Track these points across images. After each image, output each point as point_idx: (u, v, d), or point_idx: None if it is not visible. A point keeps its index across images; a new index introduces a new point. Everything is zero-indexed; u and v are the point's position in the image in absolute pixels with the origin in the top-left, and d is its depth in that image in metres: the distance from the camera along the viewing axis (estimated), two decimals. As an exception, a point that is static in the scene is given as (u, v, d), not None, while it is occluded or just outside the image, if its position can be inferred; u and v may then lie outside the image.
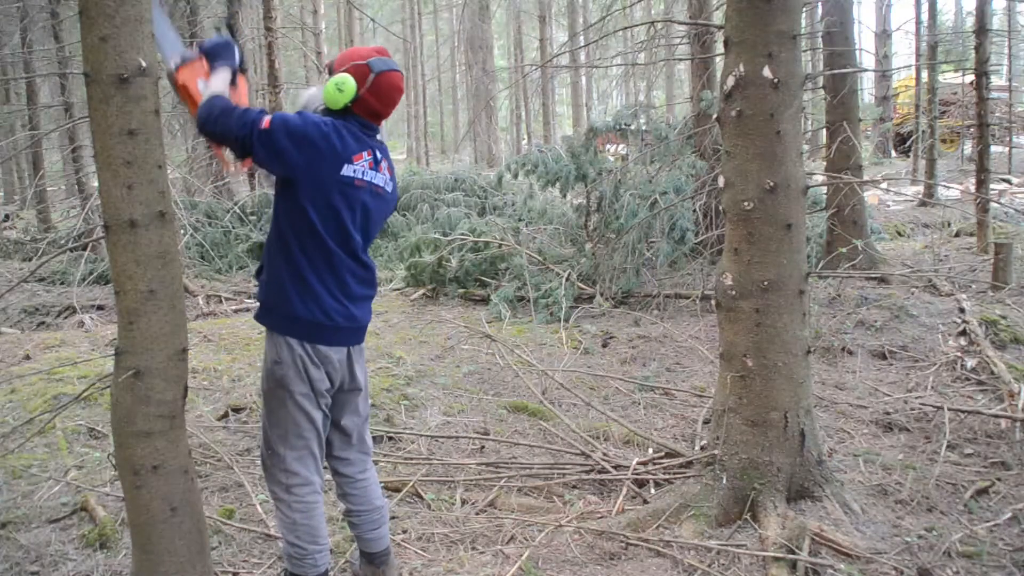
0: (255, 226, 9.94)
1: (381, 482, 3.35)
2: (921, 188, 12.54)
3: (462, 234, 7.72)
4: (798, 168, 3.05)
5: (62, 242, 9.77)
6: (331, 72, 2.40)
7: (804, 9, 4.30)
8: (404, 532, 3.07)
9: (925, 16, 13.22)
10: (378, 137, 2.44)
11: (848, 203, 6.97)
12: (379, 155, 2.40)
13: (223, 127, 2.19)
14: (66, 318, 7.30)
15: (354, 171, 2.31)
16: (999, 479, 3.36)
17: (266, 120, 2.19)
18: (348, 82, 2.30)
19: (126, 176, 2.15)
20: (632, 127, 7.77)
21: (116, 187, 2.15)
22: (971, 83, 10.89)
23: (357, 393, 2.50)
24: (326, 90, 2.33)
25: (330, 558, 2.50)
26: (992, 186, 9.27)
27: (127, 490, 2.31)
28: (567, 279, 6.77)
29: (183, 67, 2.40)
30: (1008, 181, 13.49)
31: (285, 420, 2.35)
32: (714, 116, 3.52)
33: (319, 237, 2.29)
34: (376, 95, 2.33)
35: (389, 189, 2.45)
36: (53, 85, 11.88)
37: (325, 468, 2.53)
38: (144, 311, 2.20)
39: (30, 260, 9.88)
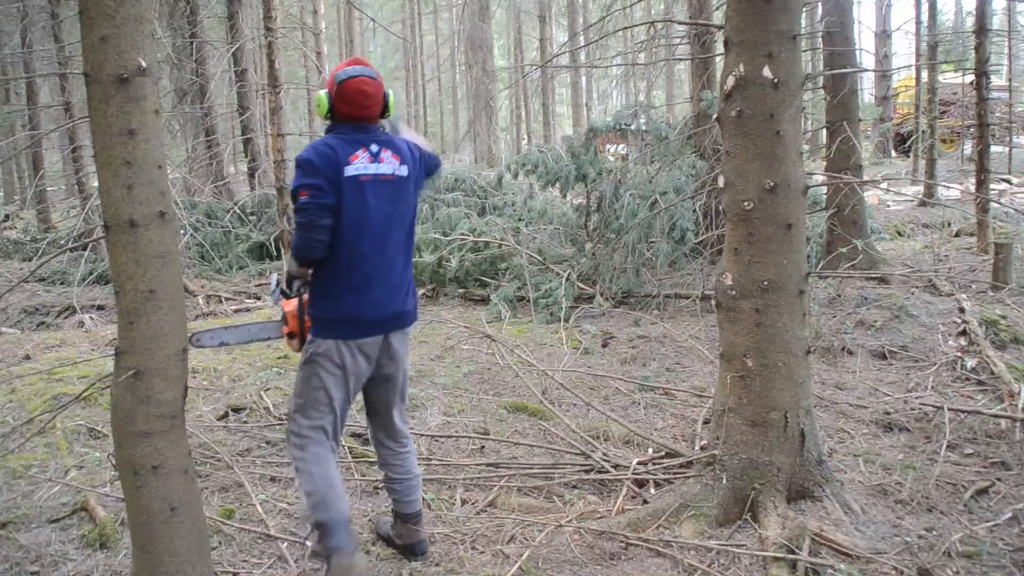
0: (255, 226, 9.93)
1: (381, 482, 3.39)
2: (921, 188, 12.54)
3: (462, 234, 7.72)
4: (798, 168, 3.05)
5: (62, 242, 9.78)
6: None
7: (804, 9, 4.30)
8: (404, 532, 3.07)
9: (925, 16, 13.21)
10: (383, 131, 2.73)
11: (848, 203, 6.96)
12: (376, 147, 2.63)
13: (299, 245, 2.52)
14: (66, 318, 7.31)
15: (356, 170, 2.56)
16: (999, 479, 3.36)
17: (301, 194, 2.49)
18: (321, 98, 2.64)
19: (126, 176, 2.15)
20: (632, 127, 7.77)
21: (116, 187, 2.15)
22: (971, 83, 10.89)
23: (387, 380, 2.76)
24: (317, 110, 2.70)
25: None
26: (992, 186, 9.26)
27: (127, 490, 2.31)
28: (567, 279, 6.77)
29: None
30: (1008, 181, 13.48)
31: (305, 393, 2.64)
32: (714, 116, 3.52)
33: (343, 240, 2.57)
34: (344, 101, 2.61)
35: (403, 172, 2.68)
36: (53, 85, 11.89)
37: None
38: (144, 311, 2.20)
39: (30, 260, 9.89)
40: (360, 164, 2.57)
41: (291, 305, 2.70)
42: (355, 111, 2.62)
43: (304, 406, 2.64)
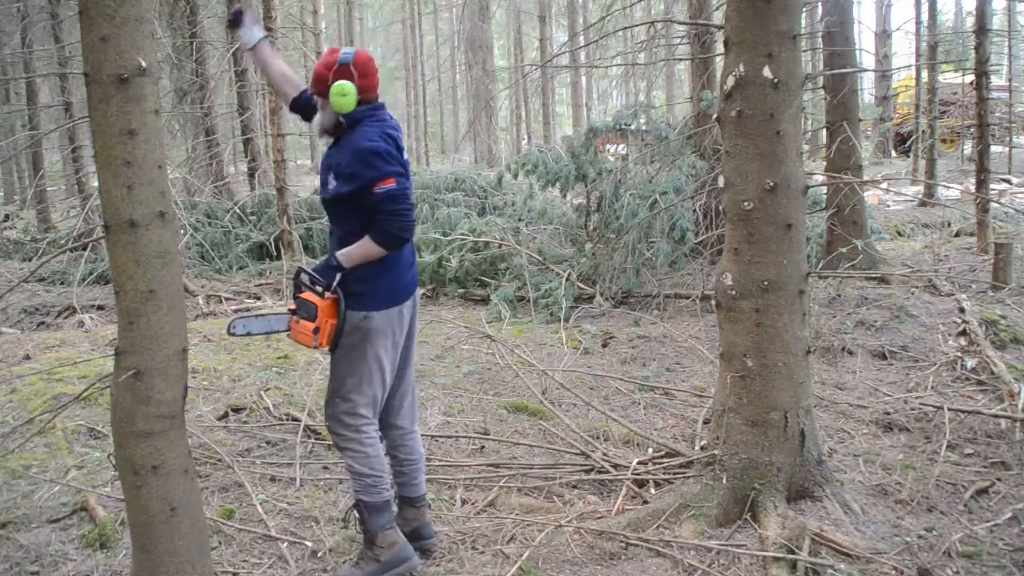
0: (255, 226, 9.93)
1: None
2: (921, 188, 12.54)
3: (462, 234, 7.71)
4: (798, 168, 3.05)
5: (62, 242, 9.78)
6: (321, 95, 2.64)
7: (804, 9, 4.30)
8: (404, 532, 3.07)
9: (925, 16, 13.22)
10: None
11: (848, 203, 6.96)
12: (394, 119, 2.75)
13: (398, 229, 2.54)
14: (66, 318, 7.30)
15: (405, 152, 2.71)
16: (999, 479, 3.36)
17: (385, 182, 2.51)
18: (346, 86, 2.57)
19: (126, 176, 2.15)
20: (632, 127, 7.76)
21: (116, 187, 2.15)
22: (971, 83, 10.89)
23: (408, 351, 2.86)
24: (333, 104, 2.59)
25: None
26: (992, 186, 9.26)
27: (127, 490, 2.31)
28: (567, 279, 6.77)
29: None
30: (1008, 181, 13.49)
31: (361, 370, 2.68)
32: (714, 116, 3.52)
33: None
34: (364, 77, 2.61)
35: None
36: (53, 85, 11.88)
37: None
38: (144, 311, 2.20)
39: (30, 260, 9.88)
40: (403, 143, 2.72)
41: (326, 300, 2.63)
42: (375, 82, 2.66)
43: (360, 383, 2.67)
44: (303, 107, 2.91)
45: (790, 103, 2.98)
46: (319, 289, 2.63)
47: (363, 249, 2.59)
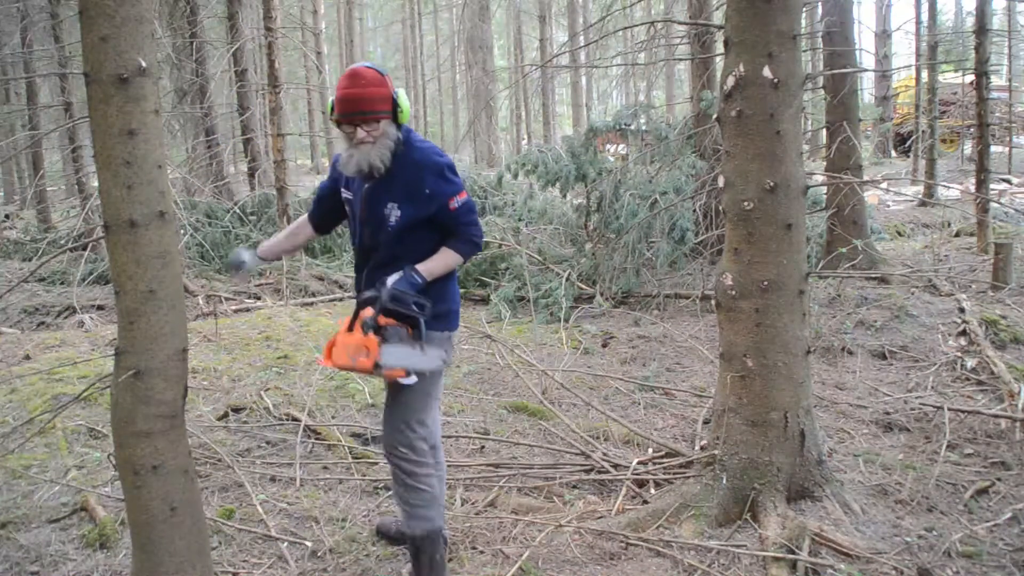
0: (255, 226, 9.93)
1: (380, 482, 3.36)
2: (921, 188, 12.55)
3: (462, 234, 7.70)
4: (798, 168, 3.05)
5: (62, 242, 9.77)
6: (387, 115, 2.42)
7: (804, 9, 4.30)
8: (404, 532, 3.06)
9: (925, 16, 13.23)
10: None
11: (848, 203, 6.96)
12: None
13: (481, 236, 2.61)
14: (66, 318, 7.30)
15: None
16: (999, 479, 3.36)
17: (460, 195, 2.50)
18: (404, 93, 2.52)
19: (126, 176, 2.15)
20: (632, 127, 7.76)
21: (116, 187, 2.15)
22: (971, 83, 10.90)
23: None
24: (405, 113, 2.46)
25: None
26: (992, 186, 9.27)
27: (127, 490, 2.31)
28: (567, 279, 6.77)
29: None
30: (1008, 181, 13.50)
31: (432, 390, 2.62)
32: (714, 116, 3.52)
33: None
34: None
35: None
36: (53, 85, 11.88)
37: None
38: (144, 311, 2.20)
39: (30, 260, 9.87)
40: None
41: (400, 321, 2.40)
42: None
43: (429, 405, 2.61)
44: (324, 221, 2.83)
45: (790, 103, 2.98)
46: (427, 310, 2.41)
47: (444, 261, 2.52)
